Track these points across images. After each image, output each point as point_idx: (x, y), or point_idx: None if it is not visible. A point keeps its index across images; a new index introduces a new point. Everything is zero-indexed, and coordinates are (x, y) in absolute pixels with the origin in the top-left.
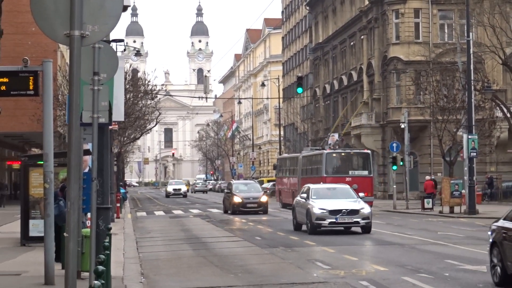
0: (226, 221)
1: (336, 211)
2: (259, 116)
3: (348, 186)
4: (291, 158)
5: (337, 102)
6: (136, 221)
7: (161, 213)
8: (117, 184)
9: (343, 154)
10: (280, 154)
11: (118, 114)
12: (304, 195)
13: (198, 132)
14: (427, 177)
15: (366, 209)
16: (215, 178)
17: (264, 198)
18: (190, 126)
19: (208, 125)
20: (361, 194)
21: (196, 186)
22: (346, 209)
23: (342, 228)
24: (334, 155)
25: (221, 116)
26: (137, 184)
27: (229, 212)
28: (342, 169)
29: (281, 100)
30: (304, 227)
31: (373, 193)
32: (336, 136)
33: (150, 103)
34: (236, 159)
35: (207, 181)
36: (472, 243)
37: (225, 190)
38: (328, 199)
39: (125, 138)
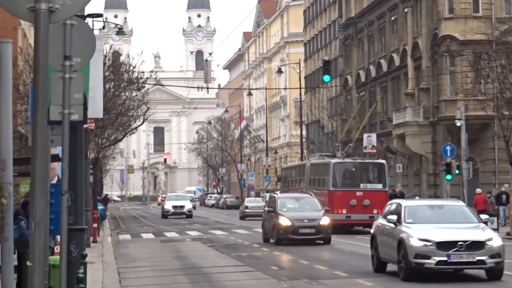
0: (233, 246)
1: (448, 243)
2: (274, 111)
3: (463, 204)
4: (298, 166)
5: (374, 93)
6: (118, 246)
7: (150, 235)
8: (93, 199)
9: (355, 163)
10: (302, 160)
11: (96, 109)
12: (393, 217)
13: (197, 132)
14: (478, 190)
15: (495, 240)
16: (219, 190)
17: (325, 220)
18: (187, 125)
19: (209, 123)
20: (374, 211)
21: None
22: (464, 241)
23: (452, 270)
24: (344, 164)
25: (226, 111)
26: (119, 199)
27: (272, 241)
28: (352, 182)
29: (302, 90)
30: (391, 267)
31: None
32: (373, 137)
33: (136, 95)
34: (245, 167)
35: (210, 195)
36: None
37: (266, 208)
38: (432, 223)
39: (104, 140)
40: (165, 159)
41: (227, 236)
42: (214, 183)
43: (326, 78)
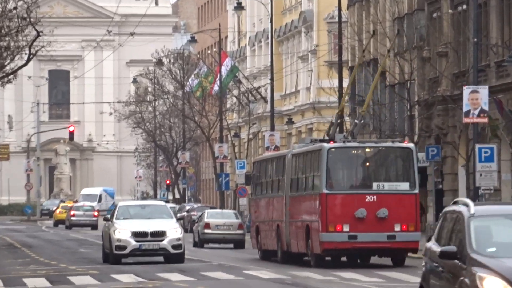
0: None
1: None
2: (287, 41)
3: None
4: (276, 159)
5: (483, 9)
6: None
7: (42, 281)
8: None
9: (363, 149)
10: (345, 136)
11: None
12: None
13: (135, 81)
14: None
15: None
16: (177, 196)
17: None
18: (115, 67)
19: (160, 62)
20: (396, 227)
21: (75, 215)
22: None
23: None
24: (345, 151)
25: (193, 40)
26: None
27: None
28: (359, 180)
29: (343, 1)
30: None
31: (419, 225)
32: (482, 93)
33: (16, 8)
34: (230, 150)
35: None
36: None
37: (432, 245)
38: None
39: None
40: (71, 133)
41: (193, 285)
42: (167, 181)
43: None
